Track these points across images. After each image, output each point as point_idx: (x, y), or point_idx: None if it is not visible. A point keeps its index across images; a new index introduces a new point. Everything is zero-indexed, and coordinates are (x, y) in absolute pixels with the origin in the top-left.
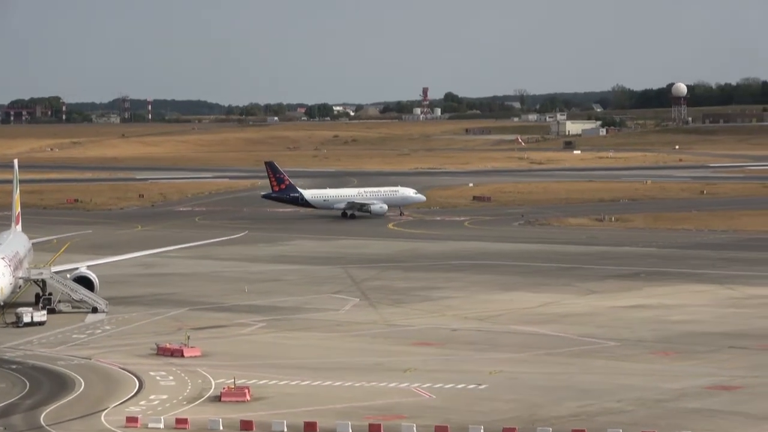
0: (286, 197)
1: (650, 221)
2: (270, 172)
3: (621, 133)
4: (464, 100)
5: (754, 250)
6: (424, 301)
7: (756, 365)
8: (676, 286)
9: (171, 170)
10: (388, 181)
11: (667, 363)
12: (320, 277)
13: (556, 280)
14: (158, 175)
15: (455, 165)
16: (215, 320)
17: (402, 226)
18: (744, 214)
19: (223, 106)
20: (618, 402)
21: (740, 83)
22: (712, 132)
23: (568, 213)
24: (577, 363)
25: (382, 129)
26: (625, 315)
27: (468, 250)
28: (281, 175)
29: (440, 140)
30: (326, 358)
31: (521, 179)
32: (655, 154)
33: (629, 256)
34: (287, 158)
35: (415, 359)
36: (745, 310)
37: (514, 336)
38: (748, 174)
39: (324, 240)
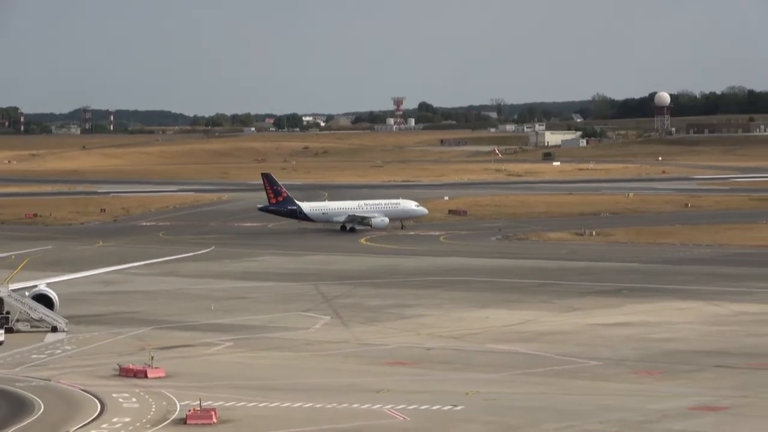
0: (283, 210)
1: (632, 235)
2: (267, 183)
3: (602, 144)
4: (439, 110)
5: (741, 266)
6: (397, 319)
7: (743, 385)
8: (659, 302)
9: (134, 183)
10: (360, 194)
11: (650, 383)
12: (289, 295)
13: (535, 297)
14: (121, 188)
15: (430, 177)
16: (180, 339)
17: (375, 241)
18: (730, 228)
19: (188, 116)
20: (600, 424)
21: (725, 92)
22: (696, 143)
23: (547, 227)
24: (557, 383)
25: (354, 140)
26: (606, 333)
27: (443, 266)
28: (278, 187)
29: (414, 152)
30: (296, 379)
31: (498, 192)
32: (637, 166)
33: (610, 271)
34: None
35: (388, 380)
36: (731, 328)
37: (491, 355)
38: (733, 186)
39: (293, 255)
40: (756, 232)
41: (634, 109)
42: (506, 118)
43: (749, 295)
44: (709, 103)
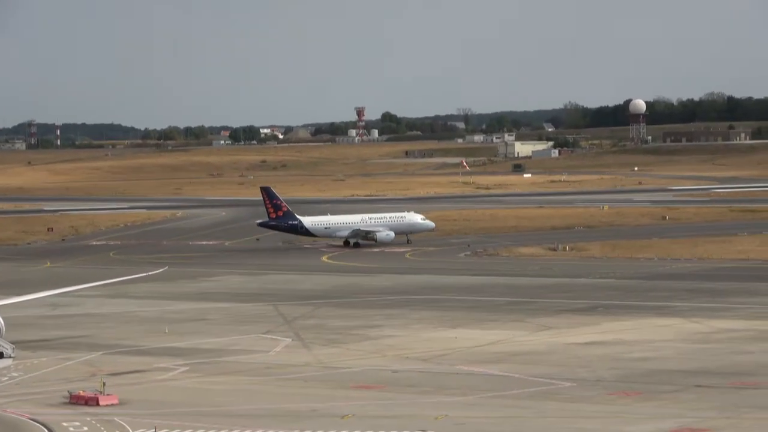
0: (283, 225)
1: (608, 250)
2: (266, 198)
3: (575, 155)
4: (403, 120)
5: (721, 280)
6: (362, 341)
7: (726, 405)
8: (637, 320)
9: (83, 200)
10: (319, 209)
11: (628, 404)
12: (248, 316)
13: (507, 316)
14: (69, 206)
15: (395, 191)
16: (133, 365)
17: (337, 258)
18: (709, 241)
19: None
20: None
21: (704, 99)
22: (673, 152)
23: (519, 242)
24: (530, 405)
25: (314, 153)
26: (581, 352)
27: (410, 284)
28: (278, 202)
29: (378, 164)
30: (256, 405)
31: (467, 206)
32: (612, 177)
33: (585, 288)
34: (209, 186)
35: (353, 404)
36: (712, 346)
37: (461, 377)
38: (713, 197)
39: (252, 275)
40: (737, 244)
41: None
42: (474, 128)
43: (730, 311)
44: (687, 111)
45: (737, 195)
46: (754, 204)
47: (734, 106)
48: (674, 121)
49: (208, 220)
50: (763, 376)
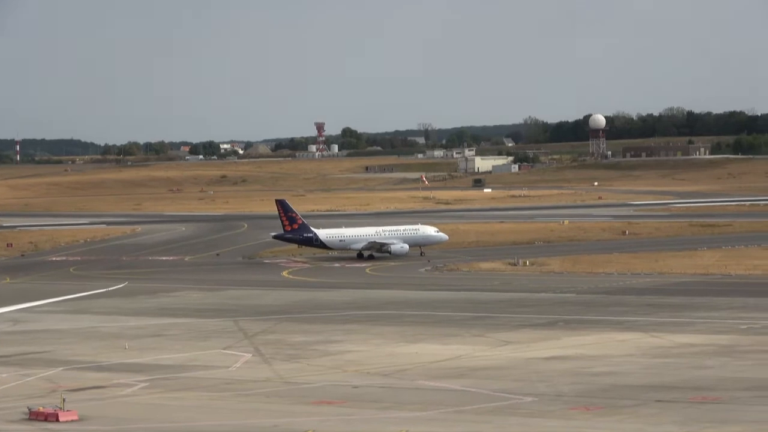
0: (299, 238)
1: (568, 265)
2: (281, 210)
3: (535, 170)
4: (363, 135)
5: (682, 295)
6: (322, 356)
7: (687, 420)
8: (597, 334)
9: (42, 216)
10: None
11: (589, 419)
12: (208, 331)
13: (467, 331)
14: (28, 221)
15: (355, 206)
16: (93, 380)
17: (298, 274)
18: (670, 256)
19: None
20: None
21: (663, 114)
22: (633, 167)
23: (479, 257)
24: (491, 421)
25: (275, 168)
26: (542, 367)
27: (370, 299)
28: (293, 214)
29: (338, 179)
30: (216, 420)
31: (427, 220)
32: (572, 192)
33: (546, 302)
34: (169, 201)
35: (314, 420)
36: (672, 360)
37: (422, 392)
38: (673, 212)
39: (212, 290)
40: (697, 259)
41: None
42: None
43: (691, 325)
44: (647, 126)
45: (697, 210)
46: (713, 219)
47: (693, 121)
48: (634, 136)
49: (167, 236)
50: (723, 391)
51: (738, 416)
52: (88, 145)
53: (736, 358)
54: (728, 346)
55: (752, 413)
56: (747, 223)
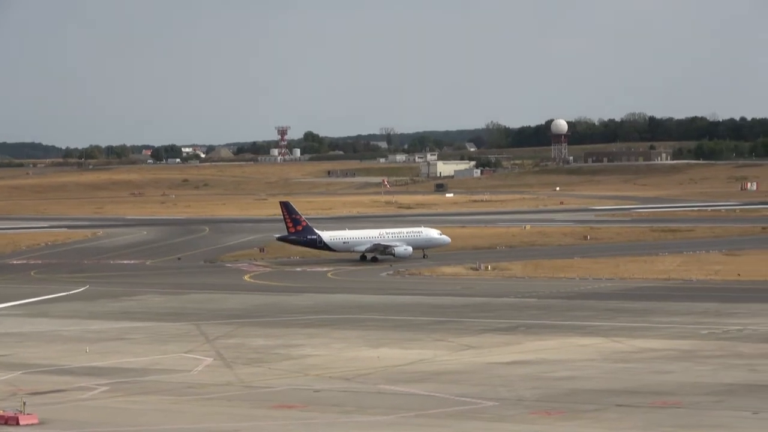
0: (303, 239)
1: (530, 269)
2: (285, 212)
3: (497, 174)
4: (326, 139)
5: (643, 300)
6: (284, 360)
7: (647, 424)
8: (558, 339)
9: (3, 219)
10: (243, 228)
11: (549, 423)
12: (169, 335)
13: (429, 335)
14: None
15: (317, 210)
16: (53, 384)
17: (260, 278)
18: (631, 261)
19: (60, 148)
20: None
21: (625, 119)
22: (595, 172)
23: (441, 261)
24: (452, 425)
25: (237, 172)
26: (503, 372)
27: (332, 304)
28: (297, 216)
29: (300, 184)
30: (178, 424)
31: (389, 225)
32: (534, 197)
33: (507, 307)
34: (131, 205)
35: (275, 424)
36: (633, 365)
37: (383, 397)
38: (634, 217)
39: (173, 294)
40: (658, 264)
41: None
42: (396, 147)
43: (652, 330)
44: (608, 131)
45: (658, 215)
46: (675, 224)
47: (655, 127)
48: (596, 141)
49: (129, 239)
50: (684, 396)
51: (698, 421)
52: (49, 149)
53: (697, 363)
54: (689, 351)
55: (712, 418)
56: (708, 229)
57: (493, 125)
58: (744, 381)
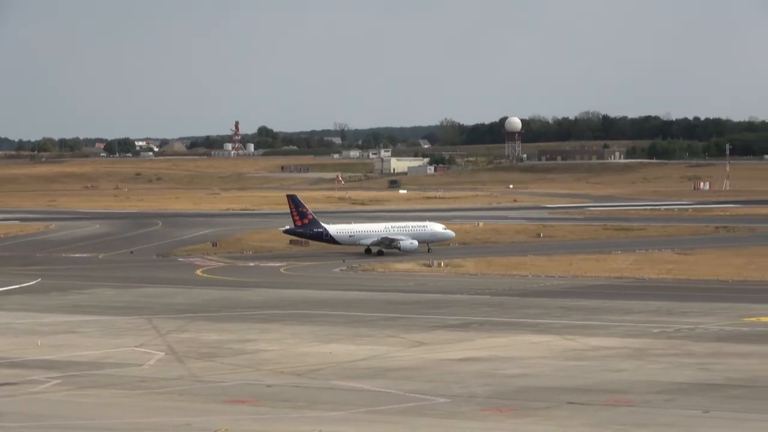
0: (309, 232)
1: (483, 266)
2: (292, 205)
3: (450, 171)
4: (279, 134)
5: (595, 298)
6: (236, 355)
7: (599, 422)
8: (510, 336)
9: None
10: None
11: (501, 420)
12: (121, 329)
13: (381, 331)
14: None
15: (270, 206)
16: (4, 377)
17: (212, 273)
18: (584, 259)
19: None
20: None
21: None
22: (549, 170)
23: (394, 258)
24: (404, 421)
25: (190, 166)
26: (455, 368)
27: (284, 299)
28: (304, 209)
29: (254, 178)
30: (129, 418)
31: (343, 221)
32: (487, 194)
33: (460, 304)
34: (84, 198)
35: (227, 418)
36: (585, 363)
37: (335, 392)
38: (587, 215)
39: (126, 288)
40: (610, 262)
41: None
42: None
43: (604, 328)
44: (562, 129)
45: (611, 213)
46: (627, 223)
47: (609, 125)
48: (549, 139)
49: (82, 233)
50: (635, 394)
51: (649, 419)
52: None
53: (649, 362)
54: (641, 349)
55: (663, 416)
56: (661, 228)
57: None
58: (695, 380)
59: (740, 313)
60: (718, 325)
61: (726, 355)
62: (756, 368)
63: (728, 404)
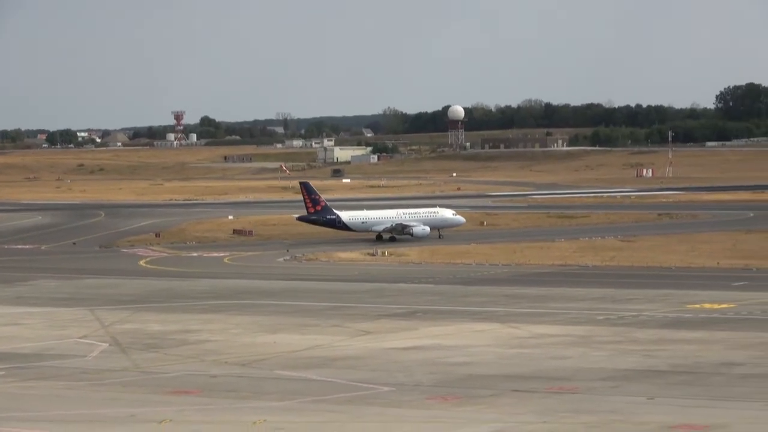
0: (322, 219)
1: (426, 255)
2: (305, 192)
3: (394, 160)
4: (222, 124)
5: (539, 286)
6: (180, 345)
7: (544, 410)
8: (455, 325)
9: None
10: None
11: (446, 409)
12: (64, 321)
13: (325, 321)
14: None
15: (213, 196)
16: None
17: (155, 263)
18: (527, 247)
19: None
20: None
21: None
22: (492, 158)
23: (338, 247)
24: (349, 410)
25: (133, 157)
26: (400, 357)
27: (228, 289)
28: (316, 196)
29: (197, 169)
30: (73, 410)
31: (286, 211)
32: (430, 183)
33: (404, 293)
34: (25, 189)
35: (171, 409)
36: (530, 351)
37: (280, 382)
38: (531, 203)
39: (68, 279)
40: (554, 250)
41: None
42: (293, 133)
43: (548, 316)
44: (505, 117)
45: (554, 201)
46: (571, 210)
47: (551, 113)
48: (492, 127)
49: (24, 224)
50: (580, 381)
51: (594, 406)
52: None
53: (593, 349)
54: (585, 336)
55: (607, 403)
56: (604, 215)
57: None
58: (639, 367)
59: (683, 300)
60: (661, 311)
61: (670, 342)
62: (699, 354)
63: (672, 390)
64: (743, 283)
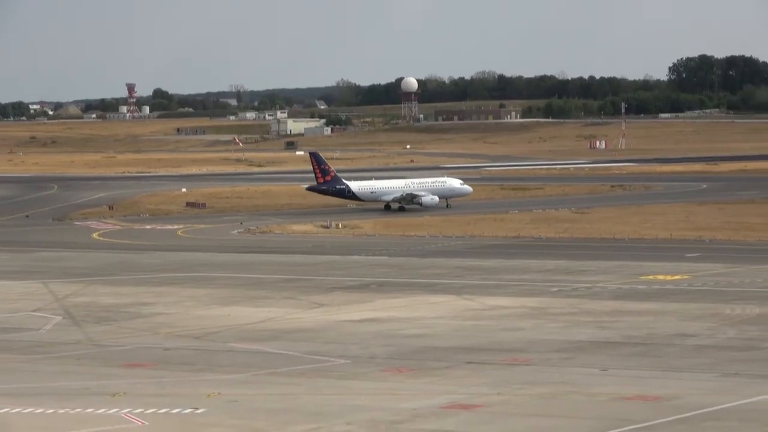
0: (331, 189)
1: (380, 227)
2: (314, 163)
3: (347, 132)
4: (175, 97)
5: (493, 258)
6: (134, 318)
7: (497, 382)
8: (409, 297)
9: None
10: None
11: (400, 381)
12: (16, 294)
13: (279, 293)
14: None
15: (166, 168)
16: None
17: (109, 236)
18: (481, 219)
19: None
20: (348, 424)
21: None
22: (445, 130)
23: (292, 219)
24: (304, 383)
25: (85, 129)
26: (354, 330)
27: (182, 262)
28: (326, 167)
29: (149, 141)
30: (26, 383)
31: (239, 183)
32: (384, 155)
33: (358, 265)
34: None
35: (125, 382)
36: (484, 323)
37: (234, 355)
38: (484, 175)
39: (21, 252)
40: (507, 222)
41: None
42: (246, 105)
43: (502, 288)
44: (459, 89)
45: (508, 173)
46: (524, 182)
47: (504, 85)
48: (446, 99)
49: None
50: (534, 353)
51: (547, 377)
52: None
53: (547, 320)
54: (539, 308)
55: (561, 374)
56: (557, 187)
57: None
58: (593, 338)
59: (637, 271)
60: (615, 283)
61: (623, 313)
62: (652, 326)
63: (626, 362)
64: (696, 254)
